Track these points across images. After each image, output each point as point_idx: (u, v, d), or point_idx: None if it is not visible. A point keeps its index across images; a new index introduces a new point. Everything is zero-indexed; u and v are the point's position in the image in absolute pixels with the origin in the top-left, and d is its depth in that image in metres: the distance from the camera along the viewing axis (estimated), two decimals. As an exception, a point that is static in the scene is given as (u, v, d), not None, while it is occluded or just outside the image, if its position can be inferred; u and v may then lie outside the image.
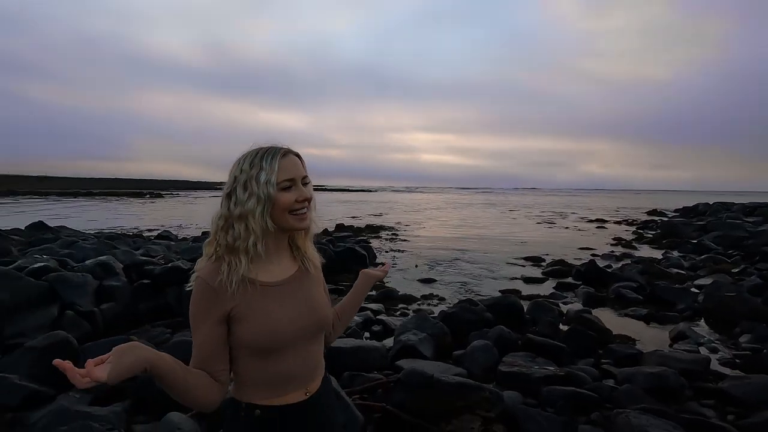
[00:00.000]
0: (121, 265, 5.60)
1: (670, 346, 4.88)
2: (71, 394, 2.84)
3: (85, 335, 4.18)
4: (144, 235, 12.95)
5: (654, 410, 2.65)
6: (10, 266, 4.62)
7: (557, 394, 3.11)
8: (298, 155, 1.11)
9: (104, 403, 2.80)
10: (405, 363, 3.69)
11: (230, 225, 1.04)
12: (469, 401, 2.82)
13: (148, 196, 48.99)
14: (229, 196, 1.06)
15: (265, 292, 1.07)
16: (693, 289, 7.11)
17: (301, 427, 1.08)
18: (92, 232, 12.53)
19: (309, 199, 1.09)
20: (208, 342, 1.02)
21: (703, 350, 4.70)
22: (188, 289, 1.05)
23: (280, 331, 1.04)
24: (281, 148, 1.08)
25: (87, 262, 5.39)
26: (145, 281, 5.39)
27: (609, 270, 8.66)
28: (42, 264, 4.76)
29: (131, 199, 41.18)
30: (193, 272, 1.07)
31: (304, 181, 1.10)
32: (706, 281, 7.64)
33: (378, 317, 5.53)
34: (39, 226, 11.34)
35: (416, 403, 2.83)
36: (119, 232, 12.99)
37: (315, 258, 1.21)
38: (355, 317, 5.39)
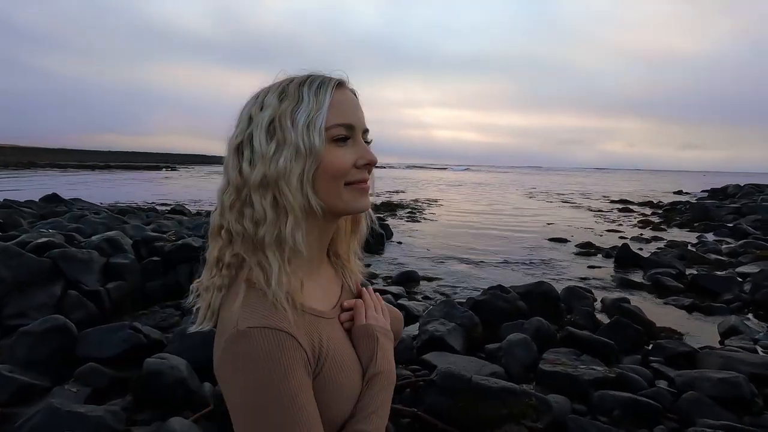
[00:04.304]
0: (131, 241, 5.33)
1: (722, 342, 4.44)
2: (67, 388, 2.57)
3: (91, 316, 3.93)
4: (158, 209, 12.80)
5: (735, 429, 2.24)
6: (13, 241, 4.37)
7: (611, 401, 2.72)
8: (356, 96, 0.68)
9: (103, 400, 2.52)
10: (433, 357, 3.35)
11: (245, 200, 0.61)
12: (513, 409, 2.45)
13: (164, 169, 49.29)
14: (239, 149, 0.62)
15: (328, 327, 0.66)
16: (737, 278, 6.58)
17: None
18: (106, 205, 12.41)
19: (373, 164, 0.67)
20: (316, 418, 0.57)
21: (760, 348, 4.25)
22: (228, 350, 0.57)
23: (356, 387, 0.65)
24: (334, 78, 0.65)
25: (94, 237, 5.12)
26: (155, 258, 5.12)
27: (642, 254, 8.13)
28: (45, 239, 4.49)
29: (147, 173, 41.44)
30: (192, 307, 0.64)
31: (365, 137, 0.67)
32: (750, 269, 7.09)
33: (399, 302, 5.18)
34: (53, 199, 11.22)
35: (451, 409, 2.48)
36: (134, 206, 12.86)
37: (356, 271, 0.78)
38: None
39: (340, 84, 0.65)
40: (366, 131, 0.68)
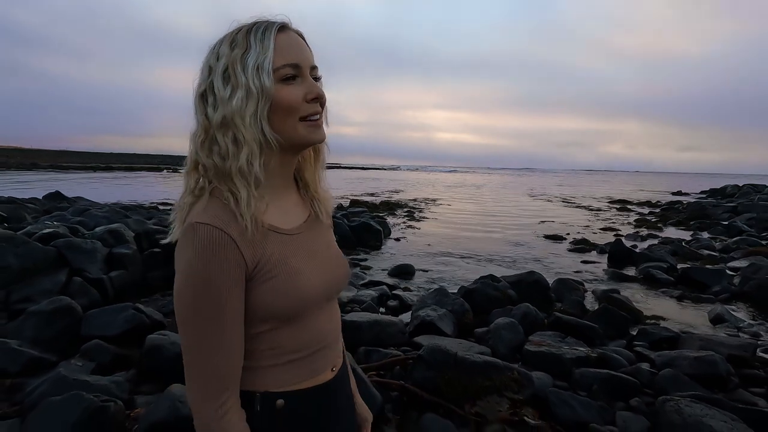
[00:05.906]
0: (132, 234, 5.48)
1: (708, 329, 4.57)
2: (73, 362, 2.70)
3: (94, 302, 4.06)
4: (159, 207, 12.95)
5: (706, 398, 2.37)
6: (19, 231, 4.51)
7: (591, 377, 2.85)
8: (301, 36, 0.76)
9: (107, 372, 2.65)
10: (424, 339, 3.47)
11: (212, 139, 0.71)
12: (496, 382, 2.58)
13: (165, 171, 49.45)
14: (203, 96, 0.72)
15: (283, 240, 0.75)
16: (728, 272, 6.70)
17: (331, 415, 0.82)
18: (109, 203, 12.56)
19: (322, 99, 0.76)
20: (239, 329, 0.69)
21: (743, 335, 4.38)
22: (173, 244, 0.69)
23: (311, 290, 0.75)
24: (276, 21, 0.72)
25: (97, 229, 5.27)
26: (156, 250, 5.26)
27: (636, 250, 8.26)
28: (51, 230, 4.64)
29: (149, 174, 41.63)
30: (170, 224, 0.72)
31: (314, 74, 0.76)
32: (741, 263, 7.21)
33: (394, 292, 5.32)
34: (56, 196, 11.39)
35: (438, 382, 2.60)
36: (135, 205, 13.01)
37: (328, 199, 0.88)
38: (371, 292, 5.19)
39: (284, 27, 0.72)
40: (314, 68, 0.75)
